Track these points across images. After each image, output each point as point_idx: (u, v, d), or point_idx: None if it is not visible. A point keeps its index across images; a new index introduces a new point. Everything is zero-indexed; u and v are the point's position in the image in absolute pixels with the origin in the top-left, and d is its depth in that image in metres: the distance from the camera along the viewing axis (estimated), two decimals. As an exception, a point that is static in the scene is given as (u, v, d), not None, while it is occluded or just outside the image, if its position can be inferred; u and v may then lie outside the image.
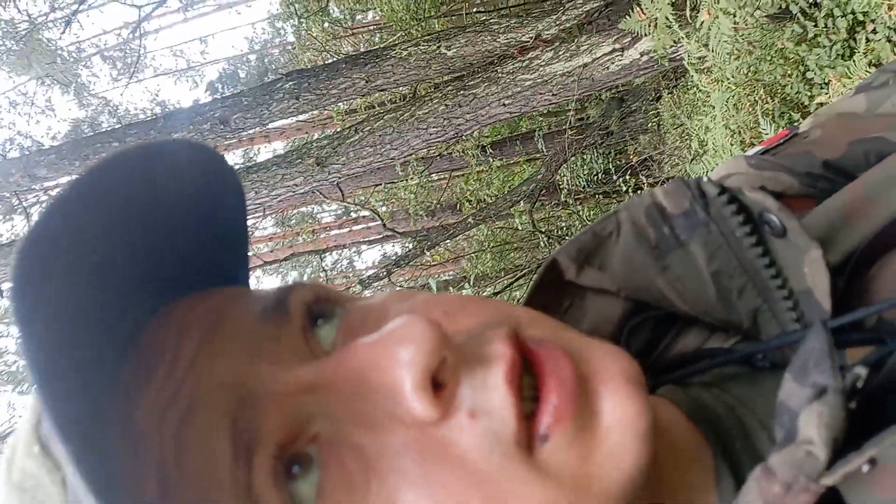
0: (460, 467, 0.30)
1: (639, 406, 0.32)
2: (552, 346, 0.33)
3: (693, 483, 0.39)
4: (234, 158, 9.65)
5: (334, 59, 4.22)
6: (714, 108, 2.21)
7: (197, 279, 0.38)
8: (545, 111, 5.19)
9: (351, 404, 0.32)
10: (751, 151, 0.61)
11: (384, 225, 5.81)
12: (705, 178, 0.43)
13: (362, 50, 5.16)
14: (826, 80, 1.62)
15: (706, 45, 1.97)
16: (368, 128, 3.59)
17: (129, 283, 0.34)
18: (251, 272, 0.46)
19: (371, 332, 0.32)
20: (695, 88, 2.99)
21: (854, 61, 1.53)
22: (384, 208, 7.77)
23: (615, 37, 3.14)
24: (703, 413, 0.42)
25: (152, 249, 0.35)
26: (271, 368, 0.33)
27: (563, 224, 6.73)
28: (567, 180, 6.22)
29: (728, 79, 1.99)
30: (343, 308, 0.37)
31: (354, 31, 7.31)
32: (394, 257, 6.53)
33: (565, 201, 6.20)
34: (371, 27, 7.54)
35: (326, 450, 0.32)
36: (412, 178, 6.11)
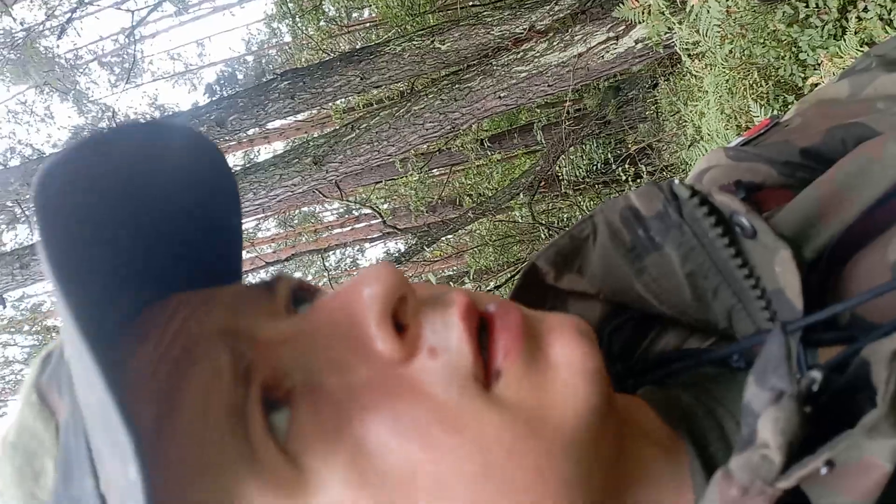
0: (423, 401, 0.33)
1: (585, 349, 0.34)
2: (503, 304, 0.36)
3: (670, 483, 0.38)
4: (233, 160, 9.67)
5: (329, 57, 4.20)
6: (708, 93, 2.20)
7: (197, 275, 0.40)
8: (542, 103, 5.16)
9: (325, 351, 0.34)
10: (732, 143, 0.61)
11: (384, 222, 5.81)
12: (677, 181, 0.43)
13: (358, 47, 5.14)
14: (818, 61, 1.60)
15: (698, 31, 1.95)
16: (364, 125, 3.58)
17: (133, 256, 0.36)
18: (254, 274, 0.49)
19: None
20: (689, 74, 2.97)
21: (845, 40, 1.51)
22: (385, 205, 7.76)
23: (609, 25, 3.11)
24: (680, 413, 0.42)
25: (150, 227, 0.37)
26: (254, 321, 0.36)
27: (565, 215, 6.72)
28: (566, 171, 6.20)
29: (720, 63, 1.98)
30: (320, 293, 0.40)
31: (350, 28, 7.30)
32: (396, 254, 6.53)
33: (565, 192, 6.19)
34: (367, 24, 7.53)
35: (300, 396, 0.34)
36: (412, 175, 6.10)
